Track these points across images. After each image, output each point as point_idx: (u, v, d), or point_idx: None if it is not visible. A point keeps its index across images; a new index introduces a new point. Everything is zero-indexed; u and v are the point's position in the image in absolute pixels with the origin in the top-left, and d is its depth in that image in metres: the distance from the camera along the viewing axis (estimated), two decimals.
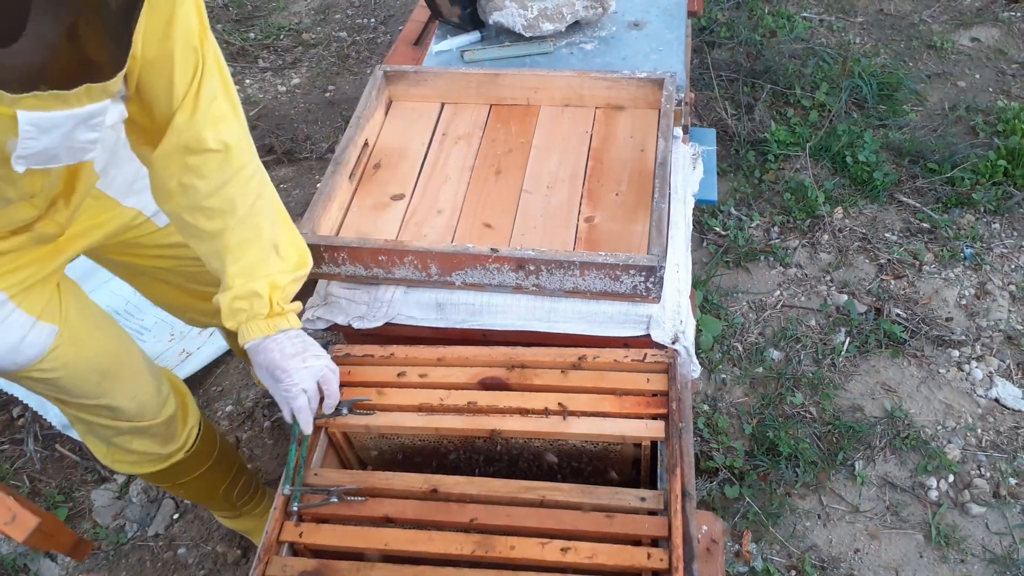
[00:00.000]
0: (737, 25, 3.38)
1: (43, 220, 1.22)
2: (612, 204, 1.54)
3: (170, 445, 1.56)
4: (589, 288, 1.40)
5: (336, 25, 3.72)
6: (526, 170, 1.63)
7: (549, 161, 1.64)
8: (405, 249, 1.42)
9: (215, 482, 1.72)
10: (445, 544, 1.17)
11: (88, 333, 1.34)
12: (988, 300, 2.43)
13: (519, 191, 1.59)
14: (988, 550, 1.91)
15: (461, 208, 1.57)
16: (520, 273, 1.40)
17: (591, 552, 1.14)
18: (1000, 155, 2.74)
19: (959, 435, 2.12)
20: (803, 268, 2.56)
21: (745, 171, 2.83)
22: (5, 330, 1.20)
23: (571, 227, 1.51)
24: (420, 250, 1.42)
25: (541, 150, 1.67)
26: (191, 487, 1.68)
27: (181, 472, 1.61)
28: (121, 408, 1.42)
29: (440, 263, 1.42)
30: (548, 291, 1.43)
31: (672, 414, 1.27)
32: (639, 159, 1.62)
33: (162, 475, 1.60)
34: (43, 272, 1.26)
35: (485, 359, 1.38)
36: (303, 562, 1.18)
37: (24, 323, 1.22)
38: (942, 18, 3.46)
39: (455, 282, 1.45)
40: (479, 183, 1.62)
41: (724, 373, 2.29)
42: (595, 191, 1.58)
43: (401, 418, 1.33)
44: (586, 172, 1.61)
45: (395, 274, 1.46)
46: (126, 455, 1.53)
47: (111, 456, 1.55)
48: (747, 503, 2.00)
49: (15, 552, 2.04)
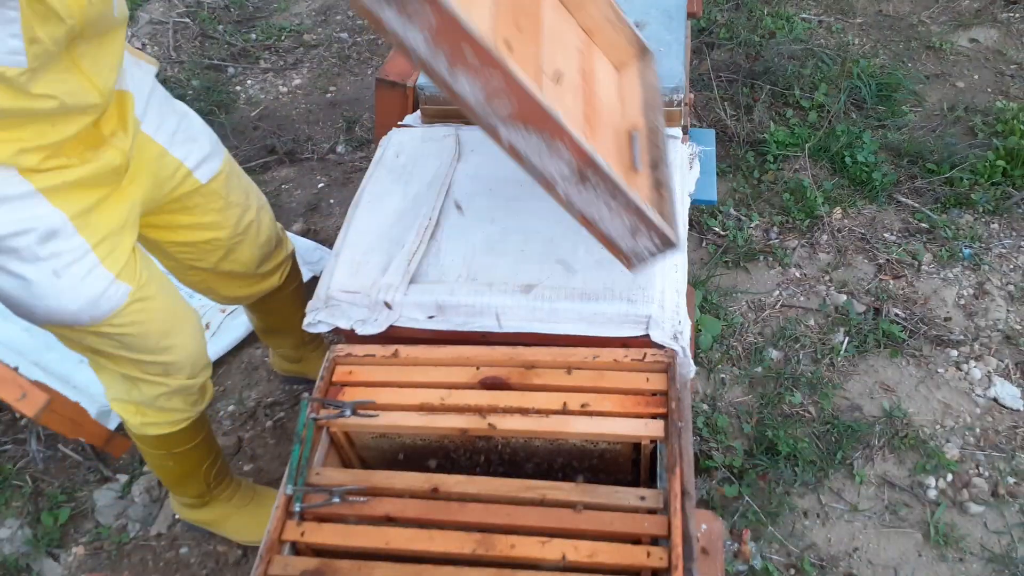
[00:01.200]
0: (736, 26, 3.39)
1: (108, 146, 1.31)
2: None
3: (200, 404, 1.68)
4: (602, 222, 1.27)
5: (337, 26, 3.73)
6: None
7: None
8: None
9: (203, 456, 1.79)
10: (446, 543, 1.18)
11: (156, 293, 1.45)
12: (986, 300, 2.44)
13: None
14: (986, 549, 1.92)
15: None
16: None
17: (591, 551, 1.15)
18: (999, 155, 2.75)
19: (957, 434, 2.13)
20: (802, 268, 2.56)
21: (744, 171, 2.84)
22: (88, 284, 1.31)
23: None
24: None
25: None
26: (183, 458, 1.74)
27: (187, 437, 1.70)
28: (177, 363, 1.53)
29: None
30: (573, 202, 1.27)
31: (671, 413, 1.28)
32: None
33: (172, 438, 1.68)
34: (116, 219, 1.35)
35: (485, 359, 1.39)
36: (305, 561, 1.18)
37: (105, 278, 1.33)
38: (941, 19, 3.47)
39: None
40: None
41: (723, 373, 2.30)
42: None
43: (402, 417, 1.34)
44: None
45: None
46: (158, 414, 1.62)
47: (140, 417, 1.63)
48: (746, 502, 2.01)
49: (18, 552, 2.05)
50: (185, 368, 1.57)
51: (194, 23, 3.73)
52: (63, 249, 1.27)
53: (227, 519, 1.96)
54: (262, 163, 3.04)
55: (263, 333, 2.14)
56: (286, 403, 2.33)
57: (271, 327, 2.08)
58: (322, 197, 2.92)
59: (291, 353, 2.21)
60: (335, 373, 1.42)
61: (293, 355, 2.21)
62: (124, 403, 1.63)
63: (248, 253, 1.71)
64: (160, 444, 1.70)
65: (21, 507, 2.14)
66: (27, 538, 2.07)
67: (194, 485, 1.85)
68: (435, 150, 1.74)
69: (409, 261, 1.51)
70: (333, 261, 1.56)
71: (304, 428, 1.32)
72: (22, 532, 2.09)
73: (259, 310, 2.00)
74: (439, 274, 1.50)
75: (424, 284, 1.48)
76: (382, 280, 1.49)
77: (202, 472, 1.82)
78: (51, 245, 1.26)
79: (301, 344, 2.15)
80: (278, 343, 2.19)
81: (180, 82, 3.39)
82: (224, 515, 1.95)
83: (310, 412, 1.34)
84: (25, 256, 1.25)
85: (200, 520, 1.98)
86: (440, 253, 1.54)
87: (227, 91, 3.37)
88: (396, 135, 1.81)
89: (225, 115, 3.22)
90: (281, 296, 1.92)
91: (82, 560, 2.04)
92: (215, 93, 3.31)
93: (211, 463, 1.83)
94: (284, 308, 1.97)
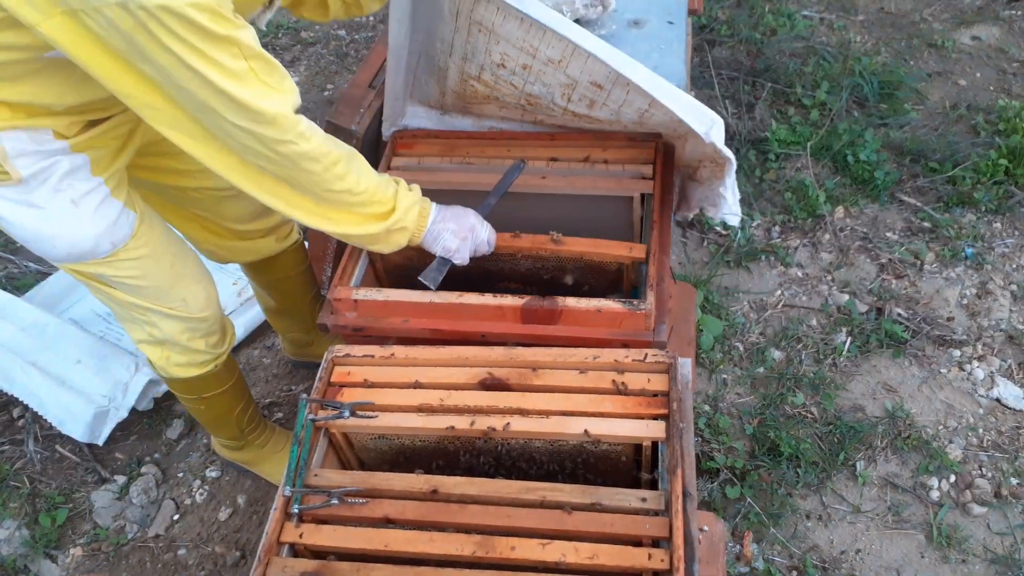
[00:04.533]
0: (737, 23, 3.37)
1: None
2: None
3: (221, 345, 1.76)
4: None
5: (334, 23, 3.72)
6: None
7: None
8: None
9: (233, 402, 1.89)
10: (445, 545, 1.17)
11: (158, 225, 1.58)
12: (989, 300, 2.42)
13: None
14: (989, 550, 1.91)
15: None
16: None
17: (592, 553, 1.14)
18: (1001, 154, 2.73)
19: (960, 435, 2.12)
20: (804, 268, 2.55)
21: (746, 170, 2.83)
22: (103, 211, 1.42)
23: None
24: None
25: None
26: (215, 403, 1.84)
27: (216, 382, 1.79)
28: (193, 296, 1.62)
29: None
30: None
31: (673, 414, 1.27)
32: None
33: (201, 381, 1.77)
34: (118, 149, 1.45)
35: (485, 359, 1.38)
36: (303, 563, 1.18)
37: (116, 206, 1.44)
38: (943, 16, 3.46)
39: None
40: None
41: (725, 373, 2.29)
42: None
43: (401, 418, 1.33)
44: None
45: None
46: (182, 354, 1.71)
47: (165, 357, 1.71)
48: (748, 503, 2.00)
49: (15, 553, 2.04)
50: (200, 301, 1.64)
51: None
52: (79, 181, 1.38)
53: (262, 462, 2.08)
54: None
55: (273, 315, 2.19)
56: (284, 404, 2.32)
57: (281, 308, 2.12)
58: None
59: (301, 336, 2.24)
60: (334, 373, 1.41)
61: (303, 338, 2.25)
62: (150, 344, 1.70)
63: (238, 208, 1.76)
64: (190, 388, 1.79)
65: (19, 508, 2.13)
66: (25, 539, 2.06)
67: (228, 428, 1.96)
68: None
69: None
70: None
71: (302, 429, 1.31)
72: (20, 533, 2.08)
73: (268, 286, 2.04)
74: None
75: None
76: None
77: (234, 417, 1.92)
78: (69, 179, 1.37)
79: (312, 327, 2.16)
80: (287, 326, 2.23)
81: None
82: (259, 458, 2.07)
83: (308, 413, 1.33)
84: (46, 190, 1.35)
85: (237, 459, 2.09)
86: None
87: None
88: None
89: None
90: (287, 272, 1.99)
91: (80, 561, 2.03)
92: None
93: (243, 408, 1.93)
94: (294, 289, 2.04)
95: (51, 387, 2.20)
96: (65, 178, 1.36)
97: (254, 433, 2.01)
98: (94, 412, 2.13)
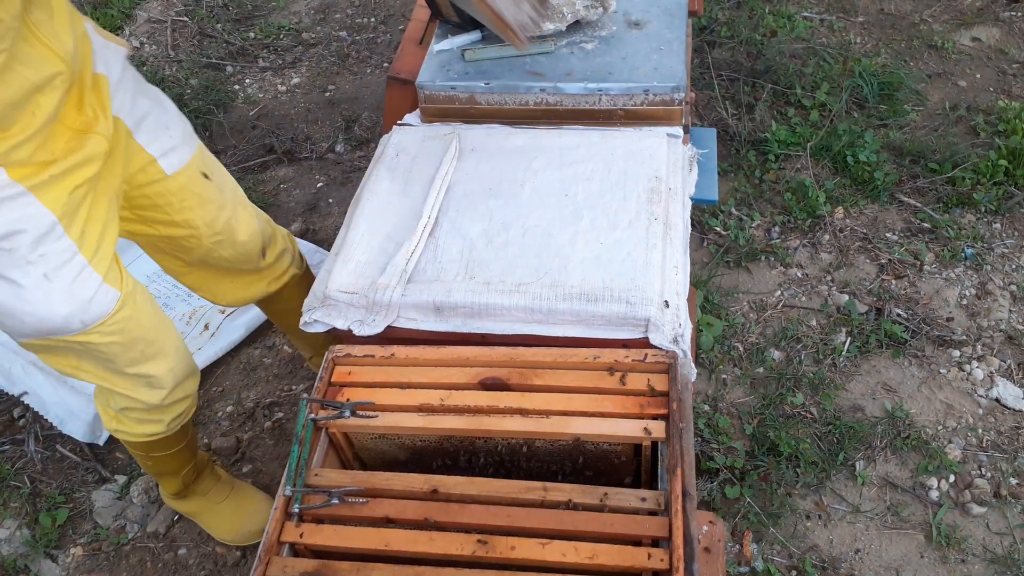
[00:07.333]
0: (738, 24, 3.38)
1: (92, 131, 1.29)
2: None
3: (175, 424, 1.65)
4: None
5: (336, 24, 3.72)
6: None
7: None
8: None
9: (183, 462, 1.81)
10: (445, 544, 1.17)
11: (141, 302, 1.43)
12: (989, 300, 2.43)
13: None
14: (989, 550, 1.91)
15: None
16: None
17: (591, 552, 1.14)
18: (1001, 155, 2.74)
19: (960, 435, 2.12)
20: (804, 268, 2.55)
21: (746, 171, 2.83)
22: (78, 287, 1.28)
23: None
24: None
25: None
26: (162, 461, 1.76)
27: (166, 445, 1.70)
28: (159, 377, 1.51)
29: None
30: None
31: (672, 414, 1.27)
32: None
33: (151, 445, 1.68)
34: (99, 217, 1.32)
35: (485, 359, 1.38)
36: (303, 563, 1.18)
37: (94, 280, 1.31)
38: (943, 18, 3.46)
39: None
40: None
41: (725, 373, 2.29)
42: None
43: (401, 418, 1.33)
44: None
45: None
46: (133, 426, 1.61)
47: (116, 424, 1.63)
48: (748, 503, 2.00)
49: (16, 553, 2.04)
50: (167, 381, 1.54)
51: (192, 22, 3.72)
52: (52, 251, 1.26)
53: (203, 513, 1.99)
54: (260, 162, 3.03)
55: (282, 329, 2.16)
56: (285, 404, 2.32)
57: (285, 329, 2.10)
58: (321, 197, 2.91)
59: (308, 352, 2.22)
60: (334, 373, 1.42)
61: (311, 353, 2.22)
62: (104, 407, 1.63)
63: (230, 252, 1.66)
64: (138, 447, 1.71)
65: (19, 508, 2.13)
66: (25, 539, 2.06)
67: (171, 483, 1.88)
68: (435, 148, 1.73)
69: (407, 260, 1.50)
70: (331, 260, 1.55)
71: (303, 429, 1.32)
72: (20, 533, 2.08)
73: (270, 311, 2.01)
74: (437, 273, 1.49)
75: (421, 283, 1.47)
76: (380, 280, 1.48)
77: (180, 476, 1.85)
78: (41, 247, 1.24)
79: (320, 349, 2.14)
80: (295, 343, 2.23)
81: (178, 81, 3.38)
82: (201, 509, 1.98)
83: (309, 413, 1.34)
84: (17, 260, 1.23)
85: (181, 510, 2.02)
86: (439, 251, 1.53)
87: (225, 90, 3.36)
88: (396, 134, 1.80)
89: (223, 114, 3.21)
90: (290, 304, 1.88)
91: (80, 561, 2.03)
92: (213, 92, 3.30)
93: (191, 468, 1.86)
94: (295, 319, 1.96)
95: (52, 387, 2.20)
96: (36, 246, 1.23)
97: (196, 482, 1.92)
98: (95, 412, 2.13)
